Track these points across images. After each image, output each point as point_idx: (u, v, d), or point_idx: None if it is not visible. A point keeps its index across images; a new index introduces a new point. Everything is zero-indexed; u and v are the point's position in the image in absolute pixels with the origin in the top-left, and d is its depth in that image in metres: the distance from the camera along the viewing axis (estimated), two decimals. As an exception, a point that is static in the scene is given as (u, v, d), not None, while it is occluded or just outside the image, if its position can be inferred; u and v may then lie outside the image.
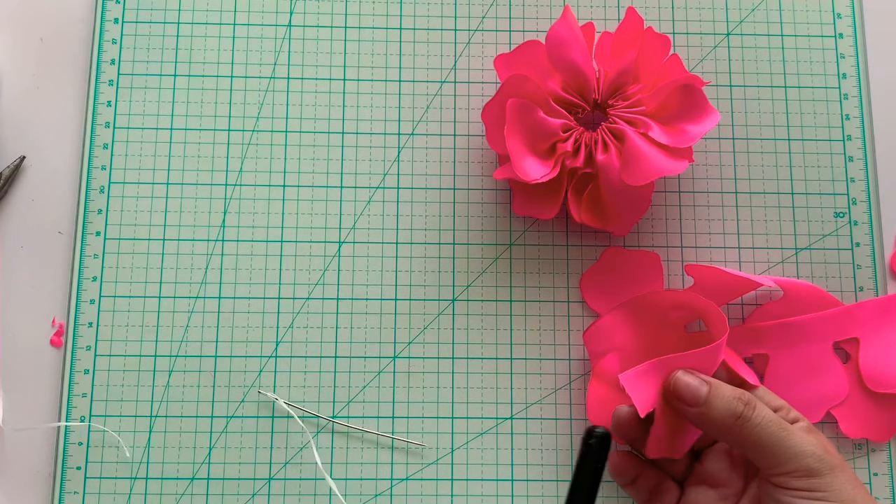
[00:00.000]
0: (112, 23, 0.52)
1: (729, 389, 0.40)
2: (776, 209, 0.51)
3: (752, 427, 0.39)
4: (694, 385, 0.40)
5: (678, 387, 0.40)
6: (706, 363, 0.41)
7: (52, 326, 0.48)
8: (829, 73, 0.53)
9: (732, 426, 0.39)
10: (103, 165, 0.50)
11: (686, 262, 0.50)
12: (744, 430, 0.39)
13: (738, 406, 0.39)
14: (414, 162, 0.51)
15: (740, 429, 0.39)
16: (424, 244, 0.50)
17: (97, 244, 0.49)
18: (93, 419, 0.47)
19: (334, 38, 0.52)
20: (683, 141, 0.45)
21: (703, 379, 0.40)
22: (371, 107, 0.52)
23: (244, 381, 0.48)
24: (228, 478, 0.47)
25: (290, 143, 0.51)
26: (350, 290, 0.49)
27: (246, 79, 0.52)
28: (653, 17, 0.53)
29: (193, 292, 0.49)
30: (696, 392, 0.40)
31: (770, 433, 0.39)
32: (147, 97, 0.51)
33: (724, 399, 0.39)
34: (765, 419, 0.39)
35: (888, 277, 0.50)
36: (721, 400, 0.39)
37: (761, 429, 0.39)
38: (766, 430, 0.39)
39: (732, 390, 0.40)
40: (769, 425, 0.39)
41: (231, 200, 0.50)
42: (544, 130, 0.46)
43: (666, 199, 0.51)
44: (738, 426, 0.39)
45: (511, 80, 0.46)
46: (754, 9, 0.53)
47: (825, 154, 0.52)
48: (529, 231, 0.50)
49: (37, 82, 0.51)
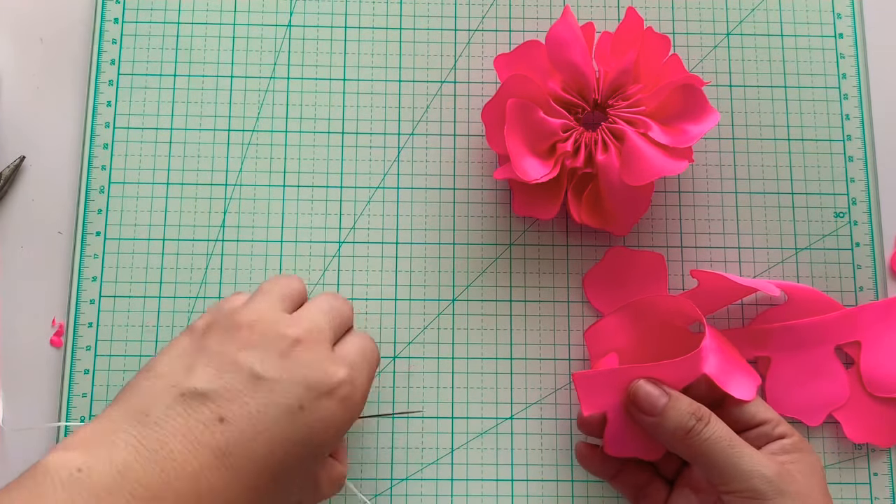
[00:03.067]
0: (112, 23, 0.52)
1: (686, 403, 0.40)
2: (776, 209, 0.51)
3: (701, 442, 0.39)
4: (654, 395, 0.41)
5: (637, 395, 0.41)
6: (677, 375, 0.42)
7: (52, 326, 0.48)
8: (829, 73, 0.53)
9: (683, 439, 0.40)
10: (103, 165, 0.50)
11: (686, 262, 0.50)
12: (693, 444, 0.39)
13: (690, 421, 0.39)
14: (414, 162, 0.51)
15: (690, 443, 0.39)
16: (424, 244, 0.50)
17: (97, 244, 0.49)
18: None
19: (334, 38, 0.52)
20: (683, 141, 0.45)
21: (665, 390, 0.41)
22: (371, 107, 0.52)
23: (244, 381, 0.48)
24: (228, 478, 0.47)
25: (290, 143, 0.51)
26: (350, 290, 0.49)
27: (246, 79, 0.52)
28: (653, 17, 0.53)
29: (193, 292, 0.49)
30: (654, 402, 0.40)
31: (718, 450, 0.39)
32: (147, 97, 0.51)
33: (678, 412, 0.40)
34: (715, 435, 0.39)
35: (888, 277, 0.50)
36: (675, 412, 0.40)
37: (710, 445, 0.39)
38: (714, 447, 0.39)
39: (689, 404, 0.40)
40: (718, 442, 0.39)
41: (231, 200, 0.50)
42: (544, 130, 0.46)
43: (666, 199, 0.51)
44: (689, 440, 0.39)
45: (511, 80, 0.46)
46: (754, 9, 0.53)
47: (825, 154, 0.52)
48: (529, 231, 0.50)
49: (37, 82, 0.51)
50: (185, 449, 0.33)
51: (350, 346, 0.39)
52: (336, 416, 0.36)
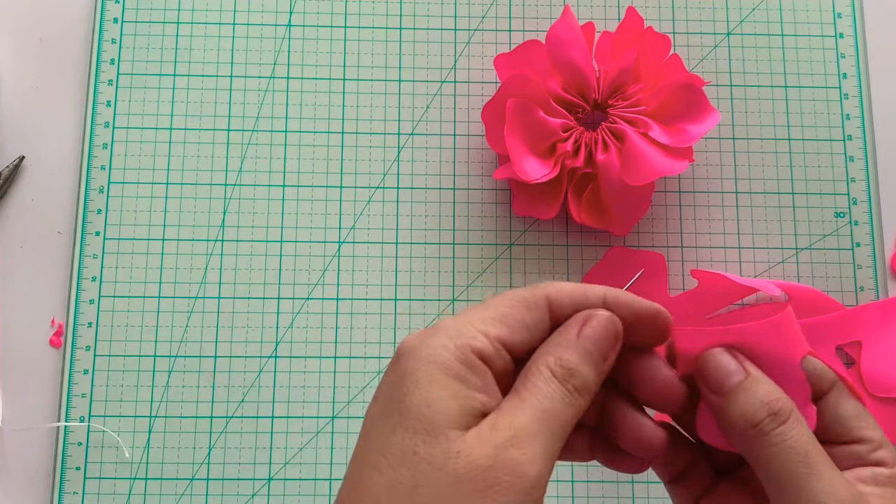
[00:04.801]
0: (112, 23, 0.52)
1: (764, 390, 0.30)
2: (776, 209, 0.51)
3: (767, 446, 0.29)
4: (726, 368, 0.30)
5: (706, 366, 0.31)
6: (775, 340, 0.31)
7: (52, 326, 0.48)
8: (829, 72, 0.53)
9: (745, 436, 0.29)
10: (103, 165, 0.50)
11: (686, 262, 0.50)
12: (757, 446, 0.29)
13: (760, 413, 0.29)
14: (414, 162, 0.51)
15: (753, 443, 0.29)
16: (424, 244, 0.50)
17: (97, 244, 0.49)
18: (92, 419, 0.47)
19: (334, 38, 0.52)
20: (683, 141, 0.45)
21: (746, 367, 0.30)
22: (371, 107, 0.52)
23: (244, 381, 0.48)
24: (228, 478, 0.47)
25: (290, 143, 0.51)
26: (350, 290, 0.49)
27: (246, 79, 0.52)
28: (653, 16, 0.53)
29: (193, 292, 0.49)
30: (725, 378, 0.30)
31: (786, 463, 0.29)
32: (147, 97, 0.51)
33: (750, 398, 0.29)
34: (787, 443, 0.29)
35: (888, 277, 0.50)
36: (745, 396, 0.29)
37: (778, 453, 0.29)
38: (782, 458, 0.29)
39: (768, 393, 0.30)
40: (789, 453, 0.29)
41: (231, 200, 0.50)
42: (544, 130, 0.46)
43: (666, 199, 0.51)
44: (752, 439, 0.29)
45: (511, 79, 0.46)
46: (754, 9, 0.53)
47: (825, 154, 0.52)
48: (529, 231, 0.50)
49: (37, 82, 0.51)
50: None
51: None
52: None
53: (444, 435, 0.26)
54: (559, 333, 0.30)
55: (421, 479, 0.26)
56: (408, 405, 0.27)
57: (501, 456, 0.26)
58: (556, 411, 0.28)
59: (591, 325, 0.29)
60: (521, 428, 0.27)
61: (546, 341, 0.30)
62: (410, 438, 0.27)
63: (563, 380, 0.28)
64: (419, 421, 0.27)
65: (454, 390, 0.27)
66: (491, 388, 0.28)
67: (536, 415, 0.27)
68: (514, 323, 0.29)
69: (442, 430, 0.26)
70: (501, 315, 0.29)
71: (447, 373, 0.27)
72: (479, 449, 0.26)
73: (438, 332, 0.28)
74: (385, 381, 0.29)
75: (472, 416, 0.27)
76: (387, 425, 0.27)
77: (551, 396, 0.28)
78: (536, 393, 0.28)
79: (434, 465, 0.26)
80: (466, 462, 0.26)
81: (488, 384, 0.28)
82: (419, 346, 0.28)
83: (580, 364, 0.29)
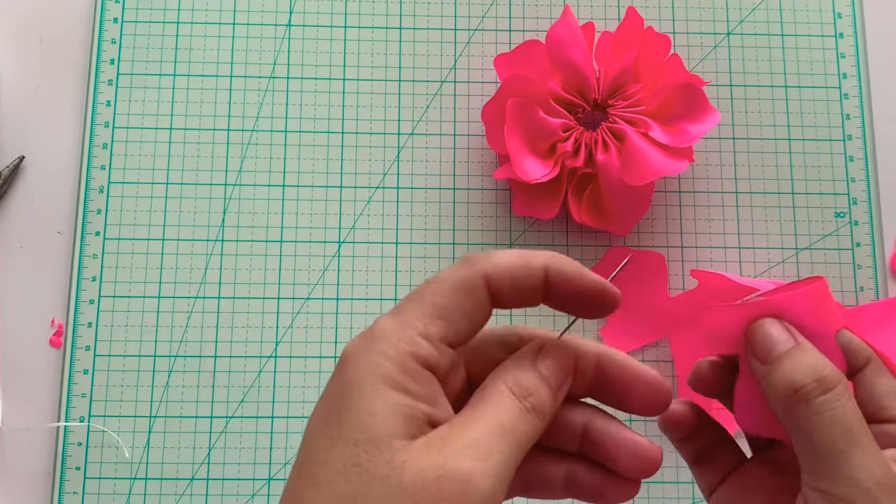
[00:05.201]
0: (112, 23, 0.52)
1: (812, 358, 0.29)
2: (776, 209, 0.51)
3: (810, 415, 0.28)
4: (775, 337, 0.29)
5: (755, 335, 0.30)
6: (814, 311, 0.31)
7: (52, 326, 0.48)
8: (829, 72, 0.53)
9: (788, 402, 0.28)
10: (102, 165, 0.50)
11: (686, 262, 0.50)
12: (799, 413, 0.28)
13: (806, 377, 0.28)
14: (414, 162, 0.51)
15: (795, 410, 0.28)
16: (424, 244, 0.50)
17: (96, 244, 0.49)
18: (92, 419, 0.47)
19: (334, 38, 0.52)
20: (683, 141, 0.45)
21: (795, 337, 0.29)
22: (371, 107, 0.52)
23: (244, 381, 0.48)
24: (228, 478, 0.47)
25: (289, 143, 0.51)
26: (350, 290, 0.49)
27: (245, 79, 0.52)
28: (653, 16, 0.53)
29: (193, 292, 0.49)
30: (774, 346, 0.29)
31: (827, 434, 0.28)
32: (147, 97, 0.51)
33: (796, 364, 0.28)
34: (832, 413, 0.28)
35: (888, 277, 0.50)
36: (791, 363, 0.29)
37: (820, 422, 0.28)
38: (823, 428, 0.28)
39: (817, 360, 0.29)
40: (833, 424, 0.28)
41: (231, 200, 0.50)
42: (544, 130, 0.46)
43: (666, 199, 0.51)
44: (795, 406, 0.28)
45: (511, 79, 0.46)
46: (754, 9, 0.53)
47: (825, 154, 0.52)
48: (529, 231, 0.50)
49: (36, 82, 0.51)
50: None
51: None
52: None
53: (388, 445, 0.25)
54: (514, 359, 0.29)
55: (363, 491, 0.25)
56: (348, 415, 0.26)
57: (451, 466, 0.25)
58: (513, 427, 0.27)
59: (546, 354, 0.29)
60: (475, 440, 0.26)
61: (501, 366, 0.29)
62: (351, 449, 0.25)
63: (520, 397, 0.27)
64: (361, 431, 0.25)
65: (396, 400, 0.26)
66: (436, 397, 0.27)
67: (492, 429, 0.26)
68: (454, 314, 0.28)
69: (385, 440, 0.25)
70: (440, 309, 0.28)
71: (389, 384, 0.26)
72: (427, 459, 0.25)
73: (377, 340, 0.27)
74: (326, 392, 0.28)
75: (417, 425, 0.26)
76: (326, 437, 0.26)
77: (509, 411, 0.27)
78: (494, 408, 0.27)
79: (377, 476, 0.25)
80: (413, 473, 0.25)
81: (433, 392, 0.27)
82: (359, 354, 0.27)
83: (537, 385, 0.28)
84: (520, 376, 0.28)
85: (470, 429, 0.26)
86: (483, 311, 0.29)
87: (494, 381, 0.28)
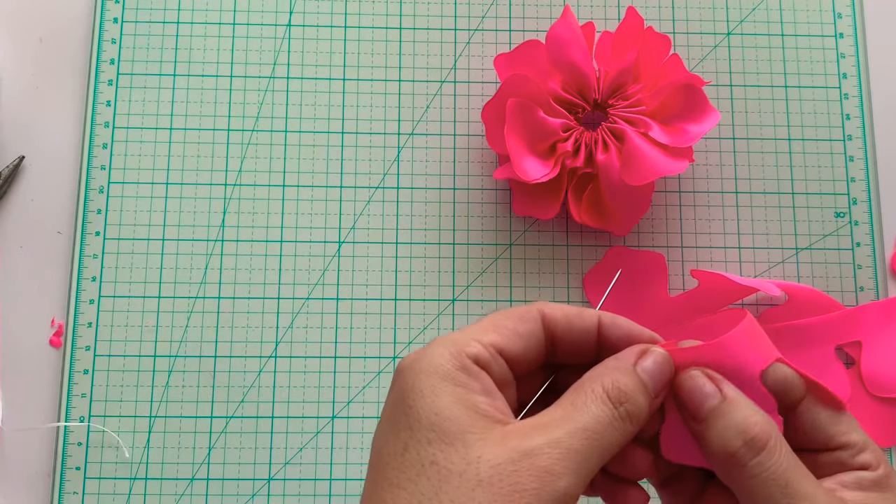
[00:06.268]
0: (111, 22, 0.52)
1: (740, 416, 0.28)
2: (776, 209, 0.51)
3: (745, 478, 0.28)
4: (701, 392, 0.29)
5: (682, 389, 0.29)
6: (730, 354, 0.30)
7: (52, 326, 0.48)
8: (829, 72, 0.53)
9: (724, 464, 0.28)
10: (102, 165, 0.50)
11: (686, 262, 0.50)
12: (736, 476, 0.28)
13: (735, 442, 0.28)
14: (414, 162, 0.51)
15: (733, 473, 0.28)
16: (424, 244, 0.50)
17: (97, 244, 0.49)
18: (92, 419, 0.47)
19: (334, 38, 0.52)
20: (683, 141, 0.45)
21: (723, 390, 0.29)
22: (371, 107, 0.52)
23: (244, 381, 0.48)
24: (228, 478, 0.47)
25: (290, 143, 0.51)
26: (350, 290, 0.49)
27: (246, 79, 0.52)
28: (653, 16, 0.53)
29: (193, 292, 0.49)
30: (702, 402, 0.29)
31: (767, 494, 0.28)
32: (146, 97, 0.51)
33: (726, 425, 0.28)
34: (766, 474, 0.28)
35: (888, 277, 0.50)
36: (722, 422, 0.28)
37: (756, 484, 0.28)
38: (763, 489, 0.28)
39: (744, 419, 0.28)
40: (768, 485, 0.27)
41: (231, 200, 0.50)
42: (544, 130, 0.46)
43: (666, 199, 0.51)
44: (731, 469, 0.28)
45: (511, 79, 0.46)
46: (754, 9, 0.53)
47: (825, 154, 0.52)
48: (529, 231, 0.50)
49: (36, 82, 0.51)
50: None
51: None
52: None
53: (461, 441, 0.26)
54: (615, 359, 0.29)
55: (442, 487, 0.26)
56: (416, 418, 0.27)
57: (528, 462, 0.26)
58: (601, 432, 0.27)
59: (649, 358, 0.29)
60: (556, 440, 0.26)
61: (601, 365, 0.29)
62: (426, 449, 0.26)
63: (616, 403, 0.28)
64: (431, 431, 0.26)
65: (457, 395, 0.27)
66: (492, 391, 0.28)
67: (577, 431, 0.27)
68: (507, 331, 0.29)
69: (457, 437, 0.26)
70: (494, 325, 0.29)
71: (447, 380, 0.27)
72: (503, 453, 0.26)
73: (433, 345, 0.29)
74: (388, 401, 0.29)
75: (481, 418, 0.27)
76: (398, 443, 0.27)
77: (599, 417, 0.27)
78: (583, 411, 0.27)
79: (454, 471, 0.26)
80: (489, 466, 0.26)
81: (488, 387, 0.28)
82: (416, 360, 0.28)
83: (636, 391, 0.28)
84: (620, 379, 0.28)
85: (554, 427, 0.27)
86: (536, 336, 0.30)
87: (591, 381, 0.28)
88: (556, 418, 0.27)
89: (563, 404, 0.28)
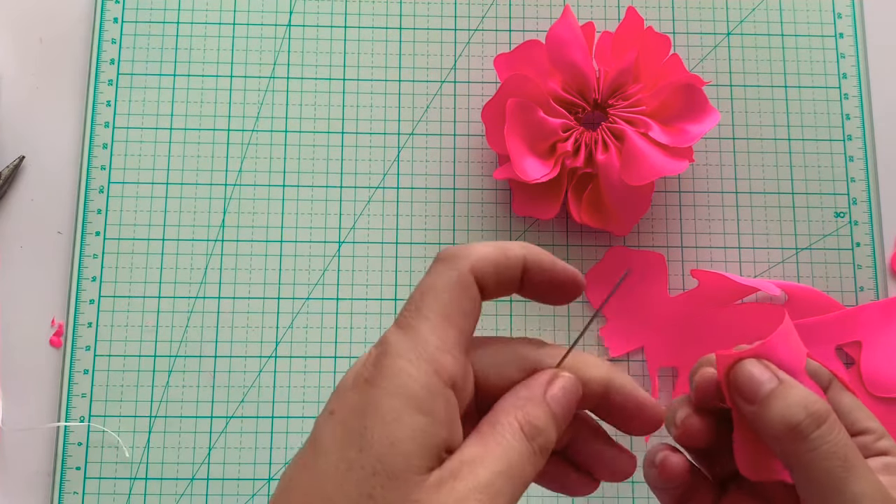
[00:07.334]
0: (112, 23, 0.52)
1: (800, 394, 0.29)
2: (776, 209, 0.51)
3: (806, 450, 0.28)
4: (758, 378, 0.30)
5: (739, 377, 0.30)
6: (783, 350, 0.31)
7: (52, 326, 0.48)
8: (829, 72, 0.53)
9: (784, 440, 0.29)
10: (103, 165, 0.50)
11: (686, 262, 0.50)
12: (796, 449, 0.29)
13: (799, 415, 0.29)
14: (414, 162, 0.51)
15: (793, 447, 0.29)
16: (424, 244, 0.50)
17: (97, 244, 0.49)
18: (92, 419, 0.47)
19: (334, 38, 0.52)
20: (683, 141, 0.45)
21: (777, 375, 0.30)
22: (371, 107, 0.52)
23: (244, 381, 0.48)
24: (228, 478, 0.47)
25: (289, 143, 0.51)
26: (350, 290, 0.49)
27: (245, 79, 0.52)
28: (653, 16, 0.53)
29: (193, 292, 0.49)
30: (759, 386, 0.29)
31: (827, 467, 0.28)
32: (147, 97, 0.51)
33: (786, 402, 0.29)
34: (827, 446, 0.28)
35: (888, 277, 0.50)
36: (781, 402, 0.29)
37: (818, 457, 0.28)
38: (822, 462, 0.28)
39: (805, 396, 0.29)
40: (830, 458, 0.28)
41: (231, 200, 0.50)
42: (544, 130, 0.46)
43: (666, 199, 0.51)
44: (791, 442, 0.29)
45: (511, 79, 0.46)
46: (754, 9, 0.53)
47: (825, 154, 0.52)
48: (529, 231, 0.50)
49: (36, 82, 0.51)
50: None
51: None
52: None
53: (405, 480, 0.25)
54: (526, 388, 0.29)
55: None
56: (370, 441, 0.26)
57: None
58: (522, 469, 0.27)
59: (557, 385, 0.29)
60: (484, 483, 0.26)
61: (511, 393, 0.29)
62: (368, 480, 0.25)
63: (530, 438, 0.28)
64: (379, 461, 0.26)
65: (419, 427, 0.26)
66: (454, 421, 0.27)
67: (502, 469, 0.26)
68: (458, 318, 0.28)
69: (402, 475, 0.25)
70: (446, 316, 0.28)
71: (414, 407, 0.26)
72: (439, 499, 0.25)
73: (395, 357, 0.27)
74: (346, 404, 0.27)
75: (435, 454, 0.26)
76: (344, 458, 0.26)
77: (518, 452, 0.27)
78: (505, 446, 0.27)
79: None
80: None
81: (452, 416, 0.27)
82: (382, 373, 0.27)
83: (547, 424, 0.28)
84: (532, 412, 0.28)
85: (480, 467, 0.26)
86: (478, 306, 0.29)
87: (506, 413, 0.28)
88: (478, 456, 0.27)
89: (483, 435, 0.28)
